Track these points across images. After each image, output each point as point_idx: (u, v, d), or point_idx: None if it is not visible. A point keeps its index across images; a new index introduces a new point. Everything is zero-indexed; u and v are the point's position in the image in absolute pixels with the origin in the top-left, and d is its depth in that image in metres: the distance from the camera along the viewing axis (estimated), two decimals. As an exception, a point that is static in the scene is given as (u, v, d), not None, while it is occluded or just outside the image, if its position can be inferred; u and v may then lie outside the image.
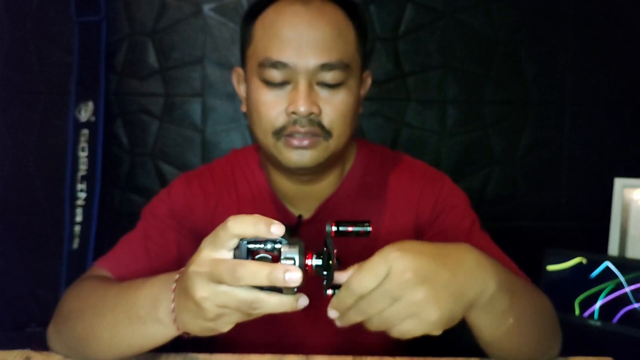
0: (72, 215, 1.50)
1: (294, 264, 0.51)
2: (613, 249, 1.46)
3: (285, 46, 0.73)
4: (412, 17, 1.55)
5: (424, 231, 0.84)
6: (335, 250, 0.54)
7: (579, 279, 1.37)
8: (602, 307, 1.32)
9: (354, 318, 0.55)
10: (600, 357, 0.75)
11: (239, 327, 0.60)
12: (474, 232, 0.82)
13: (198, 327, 0.57)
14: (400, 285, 0.52)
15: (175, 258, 0.82)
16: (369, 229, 0.56)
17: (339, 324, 0.57)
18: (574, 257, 1.38)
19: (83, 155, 1.51)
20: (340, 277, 0.56)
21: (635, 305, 1.30)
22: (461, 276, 0.56)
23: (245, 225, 0.52)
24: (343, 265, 0.57)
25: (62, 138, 1.52)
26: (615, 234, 1.47)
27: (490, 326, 0.63)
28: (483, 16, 1.56)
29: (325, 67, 0.73)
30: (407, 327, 0.53)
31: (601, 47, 1.58)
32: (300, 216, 0.84)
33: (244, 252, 0.52)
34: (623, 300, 1.31)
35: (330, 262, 0.54)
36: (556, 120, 1.60)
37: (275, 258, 0.52)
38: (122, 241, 0.84)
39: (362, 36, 0.80)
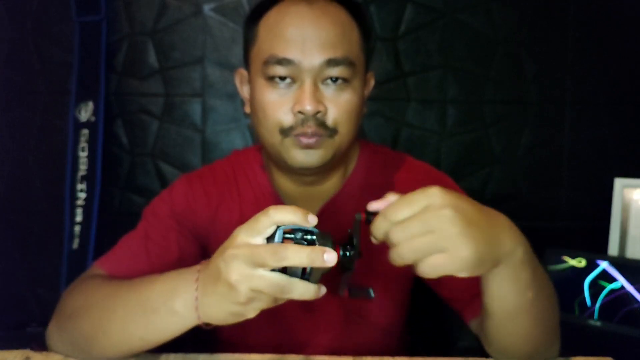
0: (72, 215, 1.50)
1: None
2: (613, 249, 1.46)
3: (291, 44, 0.73)
4: (412, 17, 1.55)
5: None
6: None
7: (579, 278, 1.37)
8: (602, 307, 1.32)
9: (389, 240, 0.55)
10: (600, 357, 0.75)
11: (240, 328, 0.60)
12: None
13: (224, 313, 0.58)
14: (437, 218, 0.53)
15: (176, 259, 0.82)
16: None
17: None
18: (574, 257, 1.38)
19: (83, 155, 1.51)
20: (377, 205, 0.58)
21: (636, 305, 1.30)
22: (496, 228, 0.57)
23: (286, 213, 0.55)
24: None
25: (62, 138, 1.52)
26: (615, 234, 1.47)
27: (510, 296, 0.63)
28: (483, 16, 1.56)
29: (331, 62, 0.73)
30: (436, 261, 0.53)
31: (601, 47, 1.58)
32: None
33: (280, 239, 0.55)
34: (623, 300, 1.31)
35: (353, 252, 0.57)
36: (556, 120, 1.60)
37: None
38: (122, 241, 0.84)
39: (366, 36, 0.80)
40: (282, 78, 0.74)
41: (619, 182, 1.47)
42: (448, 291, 0.82)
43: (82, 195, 1.50)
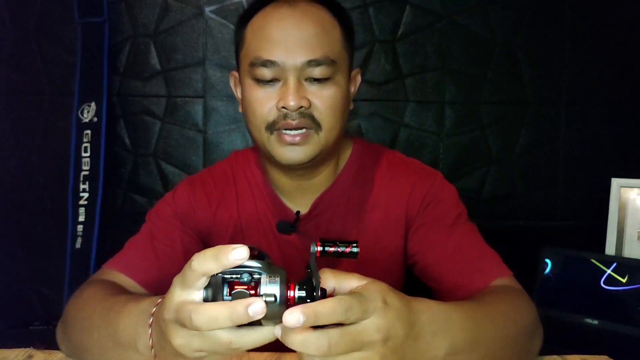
0: (75, 214, 1.51)
1: (275, 300, 0.46)
2: (610, 249, 1.47)
3: (274, 46, 0.77)
4: (411, 20, 1.57)
5: (412, 222, 0.87)
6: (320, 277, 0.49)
7: (575, 278, 1.38)
8: (599, 306, 1.33)
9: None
10: (596, 355, 0.76)
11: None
12: (458, 224, 0.84)
13: None
14: (364, 340, 0.48)
15: (182, 255, 0.84)
16: (356, 249, 0.51)
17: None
18: (570, 256, 1.40)
19: (86, 155, 1.52)
20: (331, 282, 0.51)
21: (633, 304, 1.31)
22: (419, 343, 0.53)
23: (208, 262, 0.46)
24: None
25: (65, 138, 1.54)
26: (612, 234, 1.48)
27: None
28: (480, 18, 1.58)
29: (312, 63, 0.76)
30: None
31: (598, 47, 1.60)
32: (298, 212, 0.86)
33: (220, 283, 0.47)
34: (620, 299, 1.32)
35: (315, 293, 0.48)
36: (553, 121, 1.62)
37: (253, 288, 0.47)
38: (128, 243, 0.86)
39: (348, 34, 0.83)
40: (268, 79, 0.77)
41: (615, 182, 1.49)
42: (434, 283, 0.84)
43: (85, 195, 1.52)
